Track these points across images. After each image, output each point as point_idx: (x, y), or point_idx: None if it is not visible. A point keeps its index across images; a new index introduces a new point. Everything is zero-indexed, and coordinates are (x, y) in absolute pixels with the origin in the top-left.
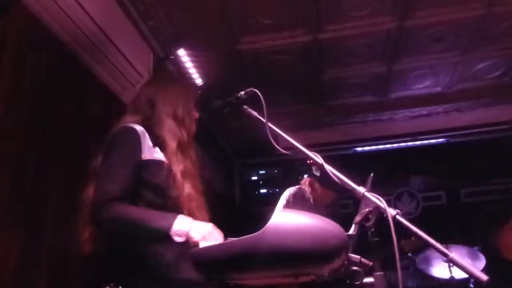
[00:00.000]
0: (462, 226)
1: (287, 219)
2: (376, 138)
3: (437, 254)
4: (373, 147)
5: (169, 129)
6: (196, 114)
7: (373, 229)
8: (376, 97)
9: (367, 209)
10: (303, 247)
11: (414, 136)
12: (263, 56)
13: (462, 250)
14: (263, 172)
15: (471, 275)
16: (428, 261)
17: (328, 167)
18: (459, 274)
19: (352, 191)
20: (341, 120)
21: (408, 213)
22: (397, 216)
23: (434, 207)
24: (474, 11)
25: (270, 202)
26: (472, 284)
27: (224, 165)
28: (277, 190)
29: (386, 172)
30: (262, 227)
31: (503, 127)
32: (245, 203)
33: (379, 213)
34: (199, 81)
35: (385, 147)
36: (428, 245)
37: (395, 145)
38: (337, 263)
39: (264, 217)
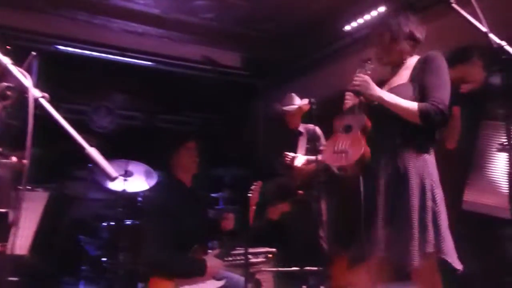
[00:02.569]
0: (151, 147)
1: None
2: (83, 41)
3: (116, 167)
4: (79, 50)
5: None
6: None
7: (10, 109)
8: None
9: (4, 84)
10: None
11: (124, 51)
12: None
13: (140, 167)
14: None
15: (103, 170)
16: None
17: None
18: (131, 188)
19: None
20: (47, 8)
21: (103, 127)
22: (41, 100)
23: (129, 126)
24: None
25: None
26: (141, 197)
27: None
28: None
29: (88, 80)
30: None
31: (202, 66)
32: None
33: (22, 93)
34: None
35: (91, 54)
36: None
37: (103, 54)
38: None
39: None
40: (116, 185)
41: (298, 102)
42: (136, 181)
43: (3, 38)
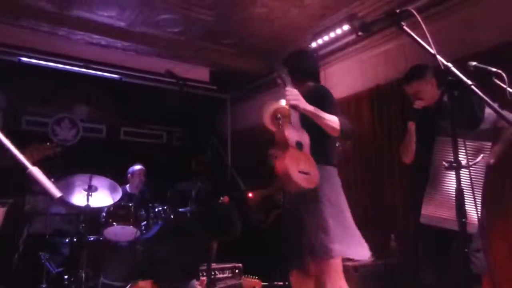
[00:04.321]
0: (117, 161)
1: None
2: (46, 53)
3: (79, 182)
4: (42, 62)
5: None
6: None
7: None
8: (55, 7)
9: None
10: None
11: (88, 63)
12: None
13: (104, 181)
14: None
15: (46, 190)
16: (69, 188)
17: None
18: (95, 203)
19: None
20: (8, 19)
21: (66, 140)
22: None
23: (93, 139)
24: None
25: None
26: (105, 213)
27: None
28: None
29: (51, 92)
30: None
31: (168, 80)
32: None
33: None
34: None
35: (56, 66)
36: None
37: (67, 66)
38: None
39: None
40: (79, 200)
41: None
42: (100, 196)
43: None
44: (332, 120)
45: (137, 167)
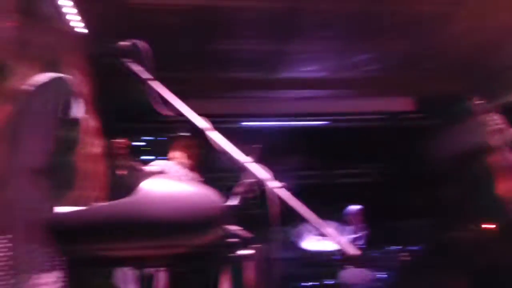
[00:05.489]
0: (334, 204)
1: (159, 186)
2: (262, 115)
3: (307, 228)
4: (258, 123)
5: None
6: None
7: (255, 201)
8: (264, 75)
9: (250, 180)
10: (174, 215)
11: (298, 116)
12: (154, 15)
13: (330, 226)
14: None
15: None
16: (300, 235)
17: (213, 135)
18: (324, 247)
19: (236, 161)
20: (229, 93)
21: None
22: (278, 190)
23: (309, 186)
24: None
25: None
26: (338, 256)
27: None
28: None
29: (269, 148)
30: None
31: (375, 117)
32: None
33: (263, 185)
34: (79, 25)
35: (270, 124)
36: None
37: (279, 123)
38: (211, 234)
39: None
40: (311, 245)
41: None
42: (328, 240)
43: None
44: None
45: (355, 207)
